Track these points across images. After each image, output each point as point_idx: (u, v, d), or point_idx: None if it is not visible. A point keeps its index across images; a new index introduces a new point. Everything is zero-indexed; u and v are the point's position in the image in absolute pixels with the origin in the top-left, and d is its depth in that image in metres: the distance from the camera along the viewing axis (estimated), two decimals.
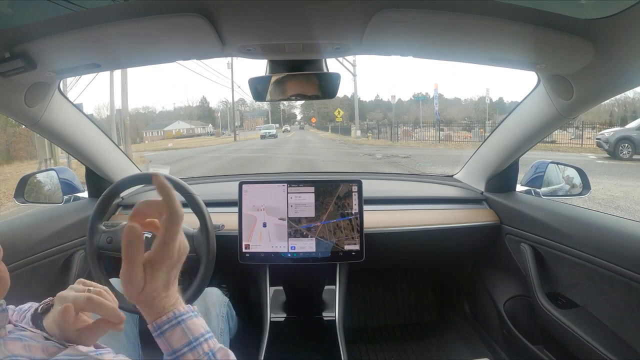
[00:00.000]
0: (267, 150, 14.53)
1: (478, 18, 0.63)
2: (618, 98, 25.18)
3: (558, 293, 1.05)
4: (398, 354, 1.44)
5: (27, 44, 0.67)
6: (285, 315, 1.16)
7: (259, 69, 0.88)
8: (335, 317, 1.11)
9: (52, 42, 0.67)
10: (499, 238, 1.26)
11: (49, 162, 7.53)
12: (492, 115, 30.16)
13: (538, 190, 1.26)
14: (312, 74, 0.86)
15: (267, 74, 0.85)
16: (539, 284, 1.06)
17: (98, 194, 1.02)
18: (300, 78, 0.87)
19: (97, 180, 1.27)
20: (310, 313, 1.18)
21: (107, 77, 15.47)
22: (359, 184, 1.11)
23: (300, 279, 1.20)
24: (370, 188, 1.30)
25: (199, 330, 0.46)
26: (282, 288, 1.24)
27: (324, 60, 0.86)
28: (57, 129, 1.03)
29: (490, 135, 1.29)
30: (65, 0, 0.59)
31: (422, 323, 1.61)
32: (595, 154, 9.96)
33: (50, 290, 0.63)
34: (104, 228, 0.97)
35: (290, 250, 1.09)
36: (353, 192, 1.11)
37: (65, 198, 1.28)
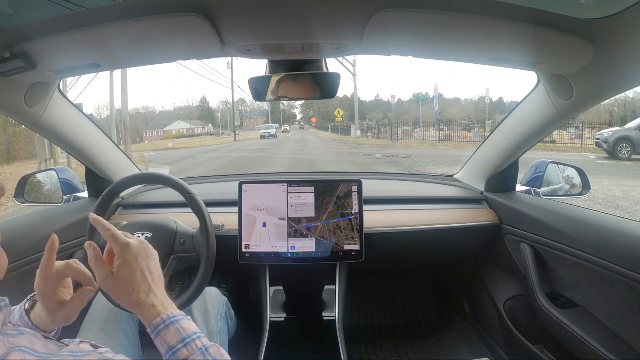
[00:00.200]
0: (267, 150, 14.53)
1: (478, 18, 0.63)
2: (618, 98, 25.19)
3: (558, 293, 1.05)
4: (398, 354, 1.44)
5: (27, 44, 0.67)
6: (285, 315, 1.16)
7: (259, 69, 0.89)
8: (335, 317, 1.11)
9: (52, 42, 0.67)
10: (499, 238, 1.26)
11: (49, 162, 7.52)
12: (492, 115, 30.17)
13: (538, 190, 1.26)
14: (312, 74, 0.86)
15: (267, 74, 0.85)
16: (539, 284, 1.06)
17: (98, 194, 1.02)
18: (300, 78, 0.87)
19: (97, 180, 1.27)
20: (310, 313, 1.18)
21: (107, 77, 15.48)
22: (359, 184, 1.11)
23: (300, 279, 1.20)
24: (370, 188, 1.30)
25: (192, 329, 0.51)
26: (282, 288, 1.24)
27: (324, 60, 0.85)
28: (57, 129, 1.03)
29: (490, 135, 1.29)
30: (65, 0, 0.59)
31: (422, 323, 1.60)
32: (595, 154, 9.96)
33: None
34: None
35: (290, 250, 1.09)
36: (353, 192, 1.11)
37: (65, 198, 1.28)
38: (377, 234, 1.19)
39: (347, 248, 1.10)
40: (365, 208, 1.13)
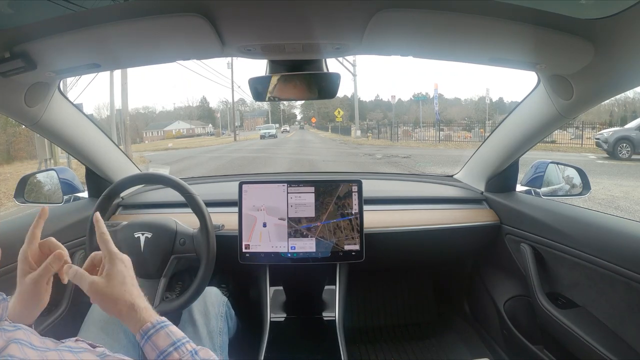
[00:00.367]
0: (267, 150, 14.53)
1: (478, 18, 0.63)
2: (618, 98, 25.18)
3: (558, 293, 1.05)
4: (398, 354, 1.44)
5: (27, 44, 0.67)
6: (285, 315, 1.16)
7: (259, 69, 0.88)
8: (335, 317, 1.11)
9: (52, 42, 0.67)
10: (499, 238, 1.26)
11: (49, 162, 7.52)
12: (492, 115, 30.15)
13: (538, 190, 1.26)
14: (312, 74, 0.86)
15: (267, 74, 0.85)
16: (539, 284, 1.06)
17: (98, 194, 1.02)
18: (300, 78, 0.87)
19: (97, 180, 1.27)
20: (310, 313, 1.18)
21: (107, 77, 15.48)
22: (359, 184, 1.11)
23: (300, 279, 1.20)
24: (370, 188, 1.30)
25: (181, 334, 0.53)
26: (282, 288, 1.24)
27: (324, 60, 0.85)
28: (57, 129, 1.03)
29: (490, 135, 1.29)
30: (65, 0, 0.59)
31: (422, 323, 1.60)
32: (595, 154, 9.96)
33: (50, 291, 0.63)
34: None
35: (290, 250, 1.09)
36: (353, 192, 1.11)
37: (65, 198, 1.28)
38: (377, 234, 1.19)
39: (347, 248, 1.10)
40: (365, 208, 1.13)
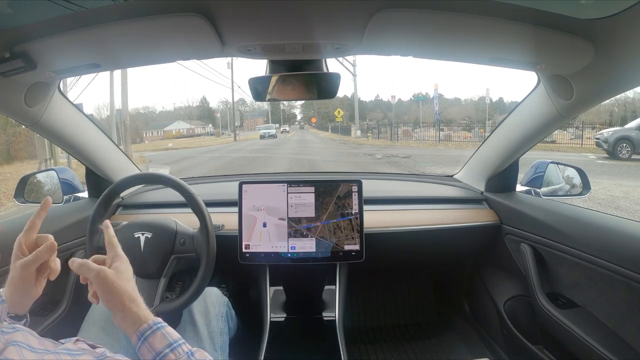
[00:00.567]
0: (267, 150, 14.53)
1: (478, 18, 0.63)
2: (618, 98, 25.19)
3: (558, 293, 1.05)
4: (398, 354, 1.44)
5: (27, 44, 0.67)
6: (285, 315, 1.16)
7: (259, 69, 0.88)
8: (335, 317, 1.11)
9: (52, 42, 0.67)
10: (499, 238, 1.26)
11: (49, 162, 7.52)
12: (492, 115, 30.16)
13: (538, 190, 1.26)
14: (312, 74, 0.86)
15: (267, 74, 0.85)
16: (539, 284, 1.06)
17: (98, 194, 1.02)
18: (300, 78, 0.87)
19: (97, 180, 1.27)
20: (310, 313, 1.18)
21: (107, 77, 15.48)
22: (359, 184, 1.11)
23: (300, 279, 1.20)
24: (370, 188, 1.30)
25: (177, 335, 0.53)
26: (282, 288, 1.24)
27: (324, 60, 0.85)
28: (57, 129, 1.03)
29: (490, 135, 1.29)
30: (65, 0, 0.59)
31: (422, 323, 1.60)
32: (595, 154, 9.95)
33: (50, 291, 0.63)
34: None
35: (290, 250, 1.09)
36: (353, 192, 1.11)
37: (65, 198, 1.28)
38: (377, 234, 1.19)
39: (347, 248, 1.10)
40: (365, 208, 1.13)
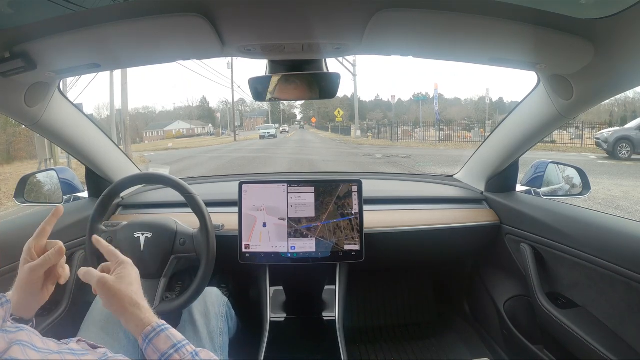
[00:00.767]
0: (267, 150, 14.53)
1: (478, 18, 0.63)
2: (618, 98, 25.19)
3: (558, 293, 1.05)
4: (398, 354, 1.44)
5: (27, 44, 0.67)
6: (285, 315, 1.16)
7: (259, 69, 0.88)
8: (335, 317, 1.11)
9: (52, 42, 0.67)
10: (499, 238, 1.26)
11: (49, 162, 7.52)
12: (492, 115, 30.15)
13: (538, 190, 1.26)
14: (312, 74, 0.86)
15: (267, 74, 0.85)
16: (539, 284, 1.06)
17: (98, 194, 1.02)
18: (300, 78, 0.87)
19: (97, 180, 1.27)
20: (310, 313, 1.18)
21: (107, 77, 15.48)
22: (359, 184, 1.11)
23: (300, 279, 1.20)
24: (370, 188, 1.30)
25: (180, 336, 0.54)
26: (282, 288, 1.24)
27: (324, 60, 0.85)
28: (57, 129, 1.03)
29: (490, 135, 1.29)
30: (65, 0, 0.59)
31: (422, 323, 1.60)
32: (595, 154, 9.96)
33: (52, 291, 0.63)
34: (104, 228, 0.97)
35: (290, 250, 1.09)
36: (353, 192, 1.11)
37: (65, 198, 1.28)
38: (377, 234, 1.19)
39: (347, 248, 1.10)
40: (365, 208, 1.13)
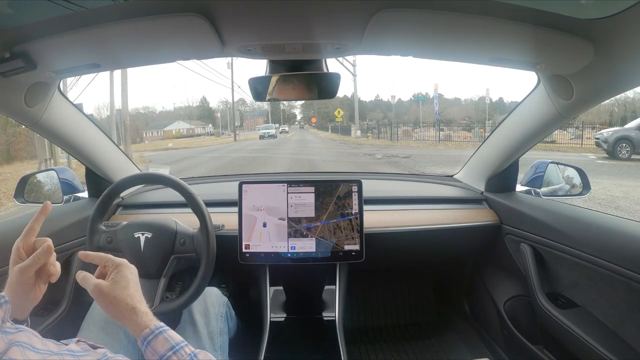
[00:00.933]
0: (267, 150, 14.53)
1: (478, 18, 0.63)
2: (618, 98, 25.18)
3: (558, 293, 1.05)
4: (398, 354, 1.44)
5: (27, 44, 0.67)
6: (285, 315, 1.16)
7: (259, 69, 0.88)
8: (335, 317, 1.11)
9: (52, 42, 0.67)
10: (499, 238, 1.26)
11: (49, 162, 7.52)
12: (492, 115, 30.14)
13: (538, 190, 1.25)
14: (312, 74, 0.86)
15: (267, 74, 0.85)
16: (539, 284, 1.06)
17: (98, 194, 1.02)
18: (300, 78, 0.87)
19: (97, 180, 1.27)
20: (310, 313, 1.18)
21: (107, 77, 15.47)
22: (359, 184, 1.11)
23: (300, 279, 1.20)
24: (370, 188, 1.30)
25: (179, 338, 0.54)
26: (282, 288, 1.24)
27: (324, 60, 0.85)
28: (57, 129, 1.03)
29: (490, 135, 1.29)
30: (65, 0, 0.59)
31: (422, 323, 1.60)
32: (595, 154, 9.95)
33: (50, 291, 0.63)
34: (104, 228, 0.97)
35: (290, 250, 1.09)
36: (353, 192, 1.11)
37: (65, 198, 1.28)
38: (377, 234, 1.19)
39: (347, 248, 1.10)
40: (365, 208, 1.13)
